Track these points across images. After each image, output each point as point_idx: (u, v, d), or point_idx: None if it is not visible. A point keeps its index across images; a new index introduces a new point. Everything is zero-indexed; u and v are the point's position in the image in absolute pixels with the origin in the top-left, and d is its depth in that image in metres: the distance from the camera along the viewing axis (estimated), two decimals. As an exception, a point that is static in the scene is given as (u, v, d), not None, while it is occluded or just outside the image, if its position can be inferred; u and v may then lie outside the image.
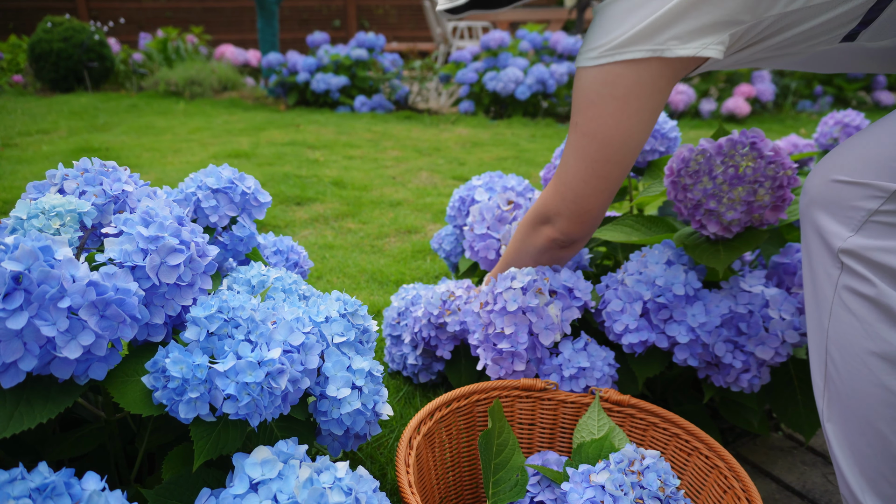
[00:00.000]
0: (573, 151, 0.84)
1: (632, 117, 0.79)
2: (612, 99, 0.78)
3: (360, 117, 4.67)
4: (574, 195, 0.86)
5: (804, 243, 0.72)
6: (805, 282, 0.73)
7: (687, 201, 0.97)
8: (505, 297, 0.95)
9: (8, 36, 6.69)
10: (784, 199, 0.94)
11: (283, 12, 9.36)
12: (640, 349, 0.96)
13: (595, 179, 0.84)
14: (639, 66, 0.75)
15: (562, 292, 0.97)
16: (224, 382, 0.60)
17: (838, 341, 0.67)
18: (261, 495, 0.57)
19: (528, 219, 0.96)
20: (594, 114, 0.80)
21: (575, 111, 0.82)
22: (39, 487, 0.50)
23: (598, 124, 0.80)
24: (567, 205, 0.87)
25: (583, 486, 0.72)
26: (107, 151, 3.25)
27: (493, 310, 0.97)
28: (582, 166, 0.83)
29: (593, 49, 0.78)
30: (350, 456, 1.04)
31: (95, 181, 0.73)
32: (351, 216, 2.37)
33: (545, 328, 0.94)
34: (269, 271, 0.83)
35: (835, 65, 0.82)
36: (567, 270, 1.00)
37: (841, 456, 0.68)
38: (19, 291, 0.52)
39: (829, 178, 0.67)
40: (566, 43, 5.06)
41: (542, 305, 0.94)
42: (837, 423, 0.68)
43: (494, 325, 0.95)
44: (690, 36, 0.72)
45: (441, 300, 1.11)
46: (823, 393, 0.70)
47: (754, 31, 0.72)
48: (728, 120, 4.71)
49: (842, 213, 0.65)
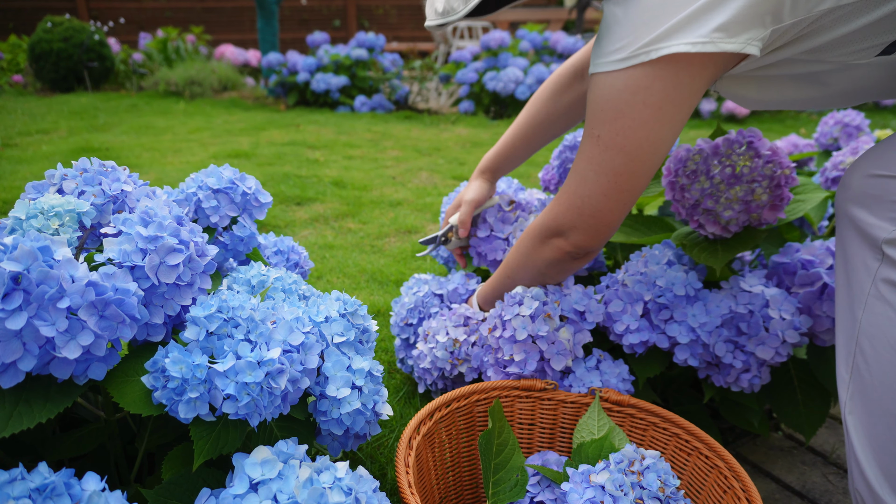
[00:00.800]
0: (593, 166, 0.76)
1: (665, 126, 0.71)
2: (644, 107, 0.70)
3: (360, 117, 4.67)
4: (593, 209, 0.79)
5: (839, 237, 0.73)
6: (838, 275, 0.73)
7: (685, 201, 0.97)
8: (513, 324, 0.90)
9: (8, 36, 6.69)
10: (782, 198, 0.94)
11: (283, 12, 9.36)
12: (640, 350, 0.96)
13: (618, 193, 0.76)
14: (677, 65, 0.66)
15: (573, 317, 0.93)
16: (224, 382, 0.60)
17: (871, 332, 0.67)
18: (261, 495, 0.57)
19: (534, 232, 0.89)
20: (622, 125, 0.71)
21: (595, 123, 0.74)
22: (39, 488, 0.50)
23: (626, 137, 0.72)
24: (584, 219, 0.80)
25: (583, 486, 0.72)
26: (107, 151, 3.25)
27: (501, 335, 0.92)
28: (604, 181, 0.76)
29: (617, 50, 0.68)
30: (350, 456, 1.04)
31: (94, 181, 0.73)
32: (351, 216, 2.37)
33: (557, 353, 0.91)
34: (268, 271, 0.83)
35: (864, 90, 0.76)
36: (578, 292, 0.95)
37: (860, 449, 0.68)
38: (18, 292, 0.52)
39: (869, 172, 0.68)
40: (566, 43, 5.06)
41: (553, 331, 0.90)
42: (860, 415, 0.68)
43: (503, 351, 0.92)
44: (737, 28, 0.63)
45: (448, 352, 1.02)
46: (848, 385, 0.70)
47: (796, 28, 0.66)
48: (728, 120, 4.71)
49: (885, 206, 0.66)
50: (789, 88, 0.78)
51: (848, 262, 0.71)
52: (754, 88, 0.80)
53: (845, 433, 0.71)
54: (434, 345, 1.04)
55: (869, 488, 0.67)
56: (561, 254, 0.87)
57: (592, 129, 0.75)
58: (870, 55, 0.68)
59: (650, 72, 0.67)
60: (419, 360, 1.07)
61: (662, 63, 0.66)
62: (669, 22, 0.64)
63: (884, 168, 0.67)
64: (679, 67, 0.67)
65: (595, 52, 0.73)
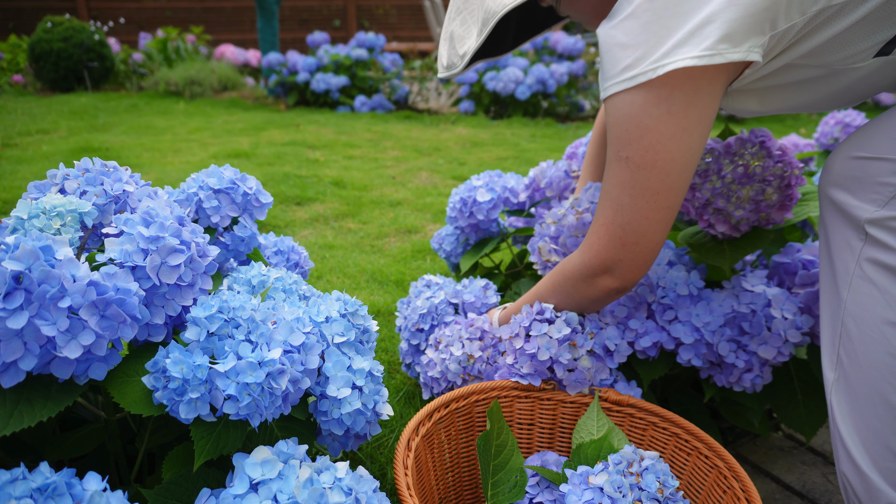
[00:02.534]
0: (627, 189, 0.74)
1: (692, 132, 0.71)
2: (668, 116, 0.69)
3: (360, 117, 4.67)
4: (636, 237, 0.76)
5: (822, 222, 0.74)
6: (822, 260, 0.75)
7: (695, 200, 0.98)
8: (538, 342, 0.87)
9: (8, 36, 6.69)
10: (791, 197, 0.94)
11: (283, 12, 9.35)
12: (653, 353, 0.94)
13: (658, 212, 0.75)
14: (693, 72, 0.67)
15: (599, 353, 0.89)
16: (225, 383, 0.60)
17: (856, 312, 0.68)
18: (261, 495, 0.57)
19: (575, 273, 0.84)
20: (650, 141, 0.71)
21: (621, 145, 0.73)
22: (41, 487, 0.50)
23: (656, 152, 0.71)
24: (629, 249, 0.78)
25: (581, 487, 0.72)
26: (107, 151, 3.25)
27: (522, 347, 0.89)
28: (642, 203, 0.74)
29: (627, 68, 0.69)
30: (350, 456, 1.04)
31: (96, 181, 0.73)
32: (351, 216, 2.37)
33: (574, 381, 0.88)
34: (269, 271, 0.83)
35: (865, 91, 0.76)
36: (613, 328, 0.92)
37: (845, 430, 0.69)
38: (20, 291, 0.52)
39: (851, 155, 0.69)
40: (566, 43, 5.06)
41: (574, 359, 0.87)
42: (845, 395, 0.70)
43: (519, 363, 0.89)
44: (739, 38, 0.65)
45: (461, 366, 0.97)
46: (835, 366, 0.71)
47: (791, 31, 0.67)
48: (728, 120, 4.71)
49: (867, 187, 0.67)
50: (790, 96, 0.78)
51: (831, 245, 0.72)
52: (756, 101, 0.80)
53: (829, 415, 0.72)
54: (447, 356, 0.99)
55: (856, 468, 0.68)
56: (608, 292, 0.83)
57: (619, 153, 0.74)
58: (867, 57, 0.69)
59: (668, 82, 0.68)
60: (428, 367, 1.03)
61: (678, 74, 0.67)
62: (675, 37, 0.66)
63: (865, 150, 0.68)
64: (696, 74, 0.68)
65: (603, 77, 0.73)
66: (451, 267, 1.51)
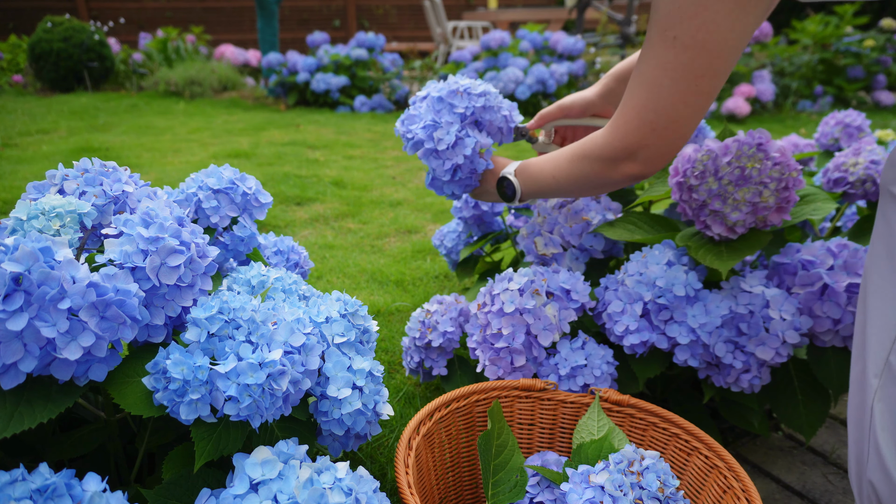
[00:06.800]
0: (669, 72, 0.71)
1: (749, 13, 0.67)
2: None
3: (360, 117, 4.67)
4: (668, 121, 0.74)
5: (883, 216, 0.69)
6: (877, 255, 0.69)
7: (692, 202, 0.97)
8: (502, 298, 0.95)
9: (8, 36, 6.69)
10: (789, 200, 0.94)
11: (283, 12, 9.36)
12: (641, 350, 0.96)
13: (696, 97, 0.72)
14: None
15: (559, 294, 0.97)
16: (225, 384, 0.60)
17: None
18: (261, 495, 0.57)
19: (595, 153, 0.82)
20: (704, 19, 0.67)
21: (669, 23, 0.69)
22: (41, 488, 0.50)
23: (708, 31, 0.67)
24: (658, 134, 0.75)
25: (582, 486, 0.72)
26: (107, 151, 3.25)
27: (490, 311, 0.97)
28: (683, 86, 0.71)
29: None
30: (350, 456, 1.04)
31: (96, 182, 0.73)
32: (351, 216, 2.37)
33: (543, 329, 0.94)
34: (269, 271, 0.83)
35: None
36: (565, 272, 1.00)
37: (884, 439, 0.65)
38: (19, 292, 0.52)
39: None
40: (566, 43, 5.05)
41: (539, 306, 0.94)
42: (891, 402, 0.65)
43: (491, 326, 0.96)
44: None
45: (419, 321, 1.14)
46: (881, 373, 0.66)
47: None
48: (728, 120, 4.70)
49: None
50: None
51: (894, 237, 0.66)
52: None
53: (864, 421, 0.68)
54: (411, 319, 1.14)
55: (888, 477, 0.64)
56: (626, 177, 0.81)
57: (666, 32, 0.70)
58: None
59: None
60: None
61: None
62: None
63: None
64: None
65: None
66: (451, 264, 1.51)
